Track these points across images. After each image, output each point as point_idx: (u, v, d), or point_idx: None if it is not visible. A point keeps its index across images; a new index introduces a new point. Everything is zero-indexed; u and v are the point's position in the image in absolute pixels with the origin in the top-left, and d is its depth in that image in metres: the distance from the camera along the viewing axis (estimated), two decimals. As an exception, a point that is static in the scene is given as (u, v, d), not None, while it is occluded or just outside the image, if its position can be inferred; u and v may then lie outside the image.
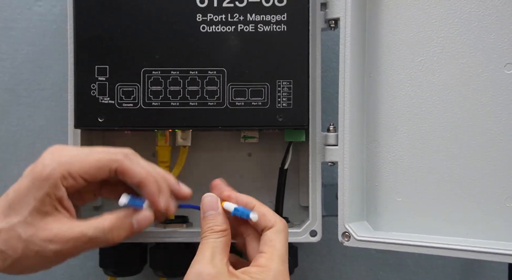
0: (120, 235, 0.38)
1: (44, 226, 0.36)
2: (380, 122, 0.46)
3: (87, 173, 0.37)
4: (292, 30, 0.44)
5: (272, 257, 0.37)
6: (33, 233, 0.36)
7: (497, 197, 0.41)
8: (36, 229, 0.36)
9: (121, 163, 0.38)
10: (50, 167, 0.37)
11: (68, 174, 0.37)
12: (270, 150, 0.51)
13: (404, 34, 0.44)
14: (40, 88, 0.55)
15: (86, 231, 0.37)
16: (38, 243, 0.36)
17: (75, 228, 0.37)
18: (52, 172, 0.36)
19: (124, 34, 0.44)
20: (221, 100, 0.44)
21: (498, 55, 0.41)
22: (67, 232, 0.37)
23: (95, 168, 0.37)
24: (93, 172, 0.37)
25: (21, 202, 0.37)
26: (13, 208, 0.37)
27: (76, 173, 0.37)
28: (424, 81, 0.44)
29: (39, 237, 0.36)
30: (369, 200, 0.46)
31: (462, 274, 0.54)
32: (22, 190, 0.37)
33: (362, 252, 0.55)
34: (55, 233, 0.36)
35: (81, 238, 0.37)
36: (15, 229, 0.36)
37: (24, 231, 0.36)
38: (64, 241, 0.36)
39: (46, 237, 0.36)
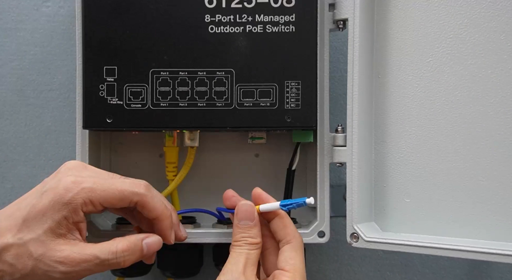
0: (131, 259, 0.39)
1: (55, 247, 0.37)
2: (388, 123, 0.46)
3: (108, 202, 0.38)
4: (301, 30, 0.44)
5: (295, 277, 0.38)
6: (43, 253, 0.37)
7: (507, 198, 0.41)
8: (47, 249, 0.37)
9: (142, 197, 0.39)
10: (73, 192, 0.37)
11: (89, 201, 0.37)
12: (277, 151, 0.51)
13: (412, 34, 0.44)
14: (48, 89, 0.56)
15: (99, 254, 0.37)
16: (48, 263, 0.37)
17: (87, 250, 0.38)
18: (75, 197, 0.37)
19: (132, 35, 0.44)
20: (229, 100, 0.44)
21: (508, 55, 0.41)
22: (78, 255, 0.37)
23: (117, 199, 0.38)
24: (114, 202, 0.38)
25: (37, 220, 0.37)
26: (27, 225, 0.37)
27: (97, 201, 0.38)
28: (433, 82, 0.44)
29: (50, 258, 0.37)
30: (377, 201, 0.46)
31: (469, 275, 0.54)
32: (40, 209, 0.37)
33: (369, 253, 0.54)
34: (66, 255, 0.37)
35: (92, 260, 0.37)
36: (27, 246, 0.37)
37: (35, 249, 0.37)
38: (75, 264, 0.37)
39: (57, 258, 0.37)
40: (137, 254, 0.39)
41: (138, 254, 0.39)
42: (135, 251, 0.39)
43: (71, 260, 0.37)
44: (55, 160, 0.55)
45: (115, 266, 0.38)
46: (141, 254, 0.39)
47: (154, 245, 0.40)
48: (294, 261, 0.39)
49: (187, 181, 0.50)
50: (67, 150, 0.55)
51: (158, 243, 0.40)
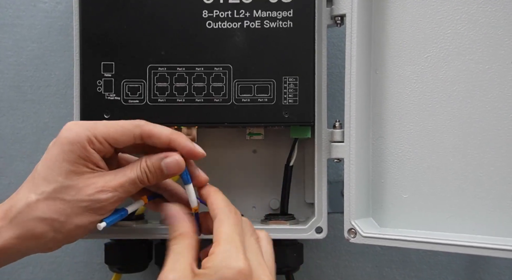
0: (153, 178, 0.39)
1: (86, 182, 0.37)
2: (386, 119, 0.46)
3: (112, 138, 0.38)
4: (298, 26, 0.44)
5: (218, 241, 0.36)
6: (77, 192, 0.37)
7: (504, 193, 0.41)
8: (79, 189, 0.37)
9: (143, 127, 0.38)
10: (76, 131, 0.37)
11: (94, 138, 0.37)
12: (275, 147, 0.51)
13: (410, 30, 0.44)
14: (45, 85, 0.55)
15: (129, 174, 0.38)
16: (87, 198, 0.37)
17: (118, 174, 0.38)
18: (78, 134, 0.37)
19: (130, 30, 0.44)
20: (227, 96, 0.44)
21: (505, 51, 0.41)
22: (113, 181, 0.37)
23: (120, 133, 0.38)
24: (117, 136, 0.38)
25: (53, 170, 0.37)
26: (44, 177, 0.37)
27: (101, 136, 0.37)
28: (430, 77, 0.44)
29: (86, 193, 0.37)
30: (375, 196, 0.46)
31: (467, 271, 0.54)
32: (51, 158, 0.37)
33: (367, 249, 0.54)
34: (102, 184, 0.37)
35: (127, 181, 0.38)
36: (54, 194, 0.37)
37: (65, 194, 0.37)
38: (113, 189, 0.37)
39: (94, 190, 0.37)
40: (158, 173, 0.39)
41: (160, 173, 0.39)
42: (156, 170, 0.38)
43: (109, 187, 0.37)
44: (52, 156, 0.55)
45: (143, 183, 0.38)
46: (162, 173, 0.39)
47: (172, 165, 0.38)
48: (218, 230, 0.36)
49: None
50: (65, 146, 0.55)
51: (176, 162, 0.39)
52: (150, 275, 0.54)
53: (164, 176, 0.39)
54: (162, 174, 0.39)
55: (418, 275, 0.54)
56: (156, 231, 0.47)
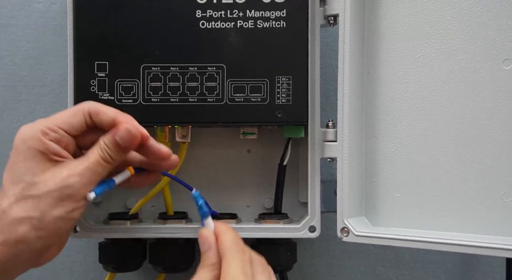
0: (114, 153, 0.39)
1: (52, 175, 0.37)
2: (379, 118, 0.46)
3: (64, 122, 0.38)
4: (291, 26, 0.44)
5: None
6: (44, 185, 0.37)
7: (495, 192, 0.41)
8: (45, 181, 0.37)
9: (92, 105, 0.39)
10: (27, 129, 0.38)
11: (46, 128, 0.37)
12: (269, 146, 0.51)
13: (403, 30, 0.44)
14: (40, 84, 0.56)
15: (90, 155, 0.38)
16: (55, 187, 0.37)
17: (81, 159, 0.38)
18: (31, 132, 0.37)
19: (124, 30, 0.44)
20: (221, 96, 0.44)
21: (497, 51, 0.41)
22: (78, 166, 0.38)
23: (70, 115, 0.38)
24: (68, 119, 0.38)
25: (17, 171, 0.37)
26: (11, 181, 0.37)
27: (53, 125, 0.38)
28: (423, 77, 0.44)
29: (54, 183, 0.37)
30: (367, 195, 0.46)
31: (460, 269, 0.54)
32: (13, 162, 0.38)
33: (361, 248, 0.55)
34: (67, 172, 0.37)
35: (91, 164, 0.38)
36: (24, 194, 0.37)
37: (34, 190, 0.37)
38: (79, 173, 0.37)
39: (62, 178, 0.37)
40: (117, 147, 0.39)
41: (118, 147, 0.39)
42: (114, 146, 0.39)
43: (73, 173, 0.37)
44: (47, 156, 0.55)
45: (108, 163, 0.39)
46: (119, 147, 0.39)
47: (125, 135, 0.39)
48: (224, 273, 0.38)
49: (179, 177, 0.50)
50: (60, 146, 0.55)
51: (127, 130, 0.39)
52: (144, 274, 0.54)
53: (123, 149, 0.39)
54: (120, 148, 0.39)
55: (411, 273, 0.54)
56: (150, 230, 0.47)
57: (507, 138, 0.41)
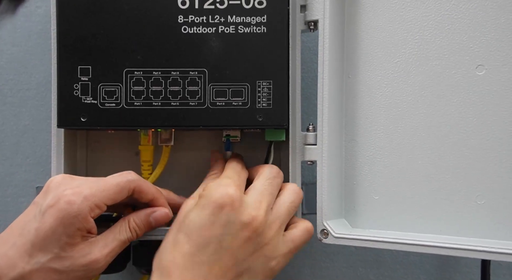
0: (142, 232, 0.43)
1: (80, 254, 0.39)
2: (358, 122, 0.47)
3: (110, 199, 0.40)
4: (272, 31, 0.45)
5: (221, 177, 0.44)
6: (71, 263, 0.38)
7: (469, 195, 0.42)
8: (73, 260, 0.38)
9: (137, 182, 0.41)
10: (77, 204, 0.38)
11: (95, 206, 0.39)
12: (252, 150, 0.52)
13: (381, 36, 0.45)
14: (26, 88, 0.56)
15: (119, 237, 0.41)
16: (80, 269, 0.39)
17: (108, 241, 0.40)
18: (81, 208, 0.38)
19: (106, 35, 0.45)
20: (202, 100, 0.45)
21: (470, 56, 0.42)
22: (105, 249, 0.40)
23: (117, 192, 0.40)
24: (115, 196, 0.40)
25: (50, 240, 0.38)
26: (40, 248, 0.38)
27: (101, 202, 0.39)
28: (400, 82, 0.45)
29: (81, 264, 0.39)
30: (347, 198, 0.47)
31: (438, 270, 0.55)
32: (48, 229, 0.38)
33: (342, 249, 0.56)
34: (95, 257, 0.39)
35: (117, 246, 0.41)
36: (48, 266, 0.38)
37: (60, 265, 0.38)
38: (105, 256, 0.40)
39: (87, 261, 0.39)
40: (147, 227, 0.43)
41: (148, 227, 0.43)
42: (145, 226, 0.42)
43: (101, 256, 0.39)
44: (32, 158, 0.56)
45: (132, 240, 0.42)
46: (150, 227, 0.43)
47: (161, 218, 0.43)
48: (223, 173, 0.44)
49: (162, 180, 0.50)
50: (45, 148, 0.56)
51: (165, 215, 0.43)
52: (128, 276, 0.54)
53: (152, 229, 0.43)
54: (150, 227, 0.43)
55: (391, 274, 0.55)
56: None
57: (480, 142, 0.42)
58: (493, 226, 0.41)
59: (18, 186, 0.56)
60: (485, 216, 0.41)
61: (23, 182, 0.56)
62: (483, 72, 0.42)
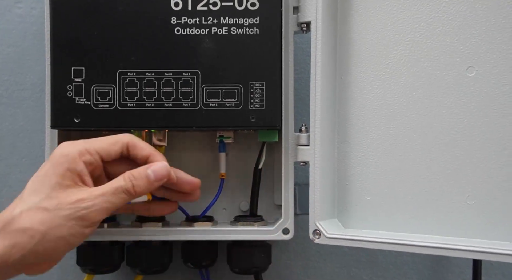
0: (139, 185, 0.40)
1: (69, 194, 0.38)
2: (350, 123, 0.47)
3: (102, 149, 0.40)
4: (265, 33, 0.45)
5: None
6: (59, 202, 0.38)
7: (460, 196, 0.42)
8: (61, 198, 0.38)
9: (131, 138, 0.42)
10: (68, 148, 0.40)
11: (85, 150, 0.40)
12: (245, 150, 0.52)
13: (373, 37, 0.46)
14: (21, 88, 0.56)
15: (112, 185, 0.40)
16: (68, 207, 0.38)
17: (100, 187, 0.39)
18: (70, 150, 0.39)
19: (100, 36, 0.45)
20: (195, 101, 0.45)
21: (461, 58, 0.42)
22: (95, 190, 0.39)
23: (110, 143, 0.41)
24: (108, 147, 0.41)
25: (43, 181, 0.38)
26: (35, 189, 0.38)
27: (92, 148, 0.40)
28: (392, 83, 0.45)
29: (68, 203, 0.38)
30: (340, 198, 0.47)
31: (431, 270, 0.55)
32: (42, 173, 0.39)
33: (336, 250, 0.56)
34: (84, 195, 0.38)
35: (109, 191, 0.39)
36: (39, 205, 0.38)
37: (49, 203, 0.38)
38: (94, 197, 0.38)
39: (76, 199, 0.38)
40: (145, 180, 0.41)
41: (146, 180, 0.41)
42: (142, 177, 0.41)
43: (89, 196, 0.38)
44: (28, 159, 0.56)
45: (129, 194, 0.40)
46: (148, 180, 0.41)
47: (159, 170, 0.41)
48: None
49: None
50: (40, 149, 0.56)
51: (164, 167, 0.41)
52: (123, 276, 0.55)
53: (151, 183, 0.41)
54: (148, 181, 0.41)
55: (384, 274, 0.56)
56: (128, 233, 0.48)
57: (470, 142, 0.42)
58: (484, 226, 0.41)
59: (13, 186, 0.56)
60: (475, 216, 0.42)
61: (19, 182, 0.56)
62: (473, 74, 0.42)
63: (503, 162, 0.41)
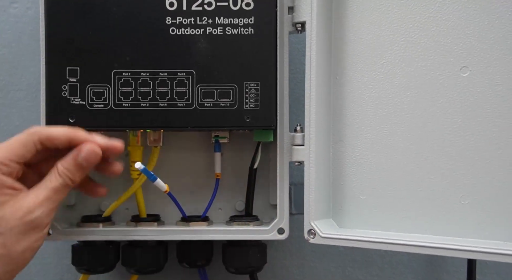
0: (76, 175, 0.40)
1: (12, 210, 0.37)
2: (345, 123, 0.47)
3: (15, 155, 0.38)
4: (259, 33, 0.45)
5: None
6: (7, 222, 0.37)
7: (454, 195, 0.42)
8: (8, 218, 0.37)
9: (39, 131, 0.39)
10: None
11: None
12: (240, 150, 0.52)
13: (367, 37, 0.46)
14: (16, 89, 0.56)
15: (50, 185, 0.38)
16: (18, 223, 0.37)
17: (40, 190, 0.38)
18: None
19: (95, 37, 0.45)
20: (190, 101, 0.45)
21: (455, 58, 0.42)
22: (38, 196, 0.38)
23: (19, 146, 0.38)
24: (19, 151, 0.38)
25: None
26: None
27: (5, 158, 0.38)
28: (386, 83, 0.45)
29: (16, 218, 0.37)
30: (334, 198, 0.47)
31: (426, 269, 0.55)
32: None
33: (331, 249, 0.56)
34: (28, 206, 0.37)
35: (51, 193, 0.38)
36: None
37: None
38: (40, 204, 0.38)
39: (23, 213, 0.37)
40: (79, 170, 0.39)
41: (80, 170, 0.39)
42: (76, 168, 0.39)
43: (34, 206, 0.37)
44: (23, 159, 0.56)
45: (69, 187, 0.39)
46: (82, 168, 0.39)
47: (89, 155, 0.39)
48: None
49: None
50: (35, 149, 0.56)
51: (92, 151, 0.39)
52: (118, 276, 0.55)
53: (85, 169, 0.40)
54: (83, 169, 0.40)
55: (379, 274, 0.56)
56: (123, 233, 0.48)
57: (464, 142, 0.42)
58: (477, 225, 0.41)
59: (9, 186, 0.56)
60: (469, 216, 0.42)
61: (14, 182, 0.56)
62: (467, 74, 0.42)
63: (497, 162, 0.41)
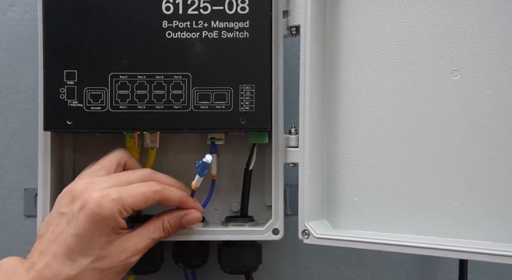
0: (173, 231, 0.46)
1: (118, 250, 0.42)
2: (339, 125, 0.48)
3: (136, 206, 0.43)
4: (254, 36, 0.46)
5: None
6: (112, 261, 0.42)
7: (445, 196, 0.43)
8: (113, 257, 0.42)
9: (162, 193, 0.44)
10: (107, 207, 0.41)
11: (123, 209, 0.42)
12: (236, 152, 0.53)
13: (361, 41, 0.46)
14: (14, 91, 0.57)
15: (153, 236, 0.45)
16: (120, 264, 0.43)
17: (142, 237, 0.44)
18: (111, 211, 0.41)
19: (92, 40, 0.46)
20: (186, 103, 0.46)
21: (446, 62, 0.43)
22: (140, 244, 0.44)
23: (143, 201, 0.43)
24: (140, 205, 0.43)
25: (89, 243, 0.41)
26: (80, 251, 0.41)
27: (128, 207, 0.42)
28: (379, 86, 0.46)
29: (119, 260, 0.42)
30: (328, 199, 0.48)
31: (419, 269, 0.56)
32: (85, 233, 0.41)
33: (326, 250, 0.57)
34: (132, 249, 0.43)
35: (151, 242, 0.45)
36: (93, 266, 0.41)
37: (102, 264, 0.42)
38: (140, 251, 0.44)
39: (126, 257, 0.43)
40: (179, 228, 0.46)
41: (179, 228, 0.46)
42: (177, 226, 0.46)
43: (136, 252, 0.43)
44: (21, 161, 0.57)
45: (163, 239, 0.46)
46: (181, 227, 0.46)
47: (192, 221, 0.46)
48: None
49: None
50: (33, 151, 0.56)
51: (197, 218, 0.46)
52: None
53: (181, 228, 0.47)
54: (181, 227, 0.47)
55: (373, 274, 0.56)
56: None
57: (455, 144, 0.43)
58: (468, 226, 0.42)
59: (7, 188, 0.57)
60: (460, 216, 0.43)
61: (12, 184, 0.57)
62: (458, 77, 0.43)
63: (487, 164, 0.42)
